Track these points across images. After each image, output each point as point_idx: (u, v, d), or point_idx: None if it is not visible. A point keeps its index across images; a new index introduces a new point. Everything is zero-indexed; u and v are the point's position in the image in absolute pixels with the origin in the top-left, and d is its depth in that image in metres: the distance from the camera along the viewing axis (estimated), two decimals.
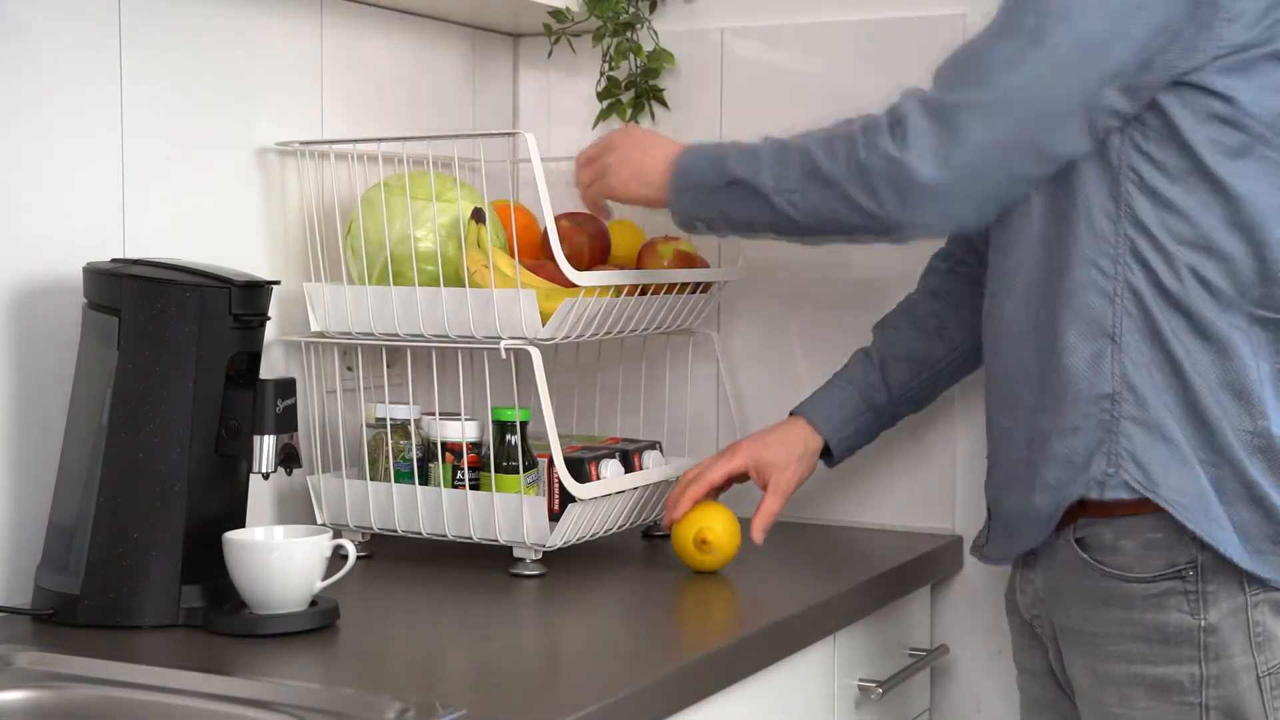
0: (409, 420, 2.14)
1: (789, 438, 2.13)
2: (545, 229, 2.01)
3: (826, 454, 2.15)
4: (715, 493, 2.12)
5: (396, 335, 2.09)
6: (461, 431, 2.10)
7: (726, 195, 1.90)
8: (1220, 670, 1.76)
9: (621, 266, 2.30)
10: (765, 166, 1.86)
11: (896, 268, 2.37)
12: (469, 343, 2.05)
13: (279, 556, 1.75)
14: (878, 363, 2.15)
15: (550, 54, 2.55)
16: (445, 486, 2.10)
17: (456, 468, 2.10)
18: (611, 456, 2.14)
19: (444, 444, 2.10)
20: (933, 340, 2.15)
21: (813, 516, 2.45)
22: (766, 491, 2.11)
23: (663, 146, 1.99)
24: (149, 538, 1.75)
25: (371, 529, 2.13)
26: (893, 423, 2.19)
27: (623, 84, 2.51)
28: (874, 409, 2.15)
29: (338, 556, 1.79)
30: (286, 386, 1.81)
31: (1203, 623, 1.75)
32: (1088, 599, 1.82)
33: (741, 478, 2.13)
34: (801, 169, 1.83)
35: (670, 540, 2.10)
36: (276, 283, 1.86)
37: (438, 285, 2.07)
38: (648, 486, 2.15)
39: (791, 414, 2.16)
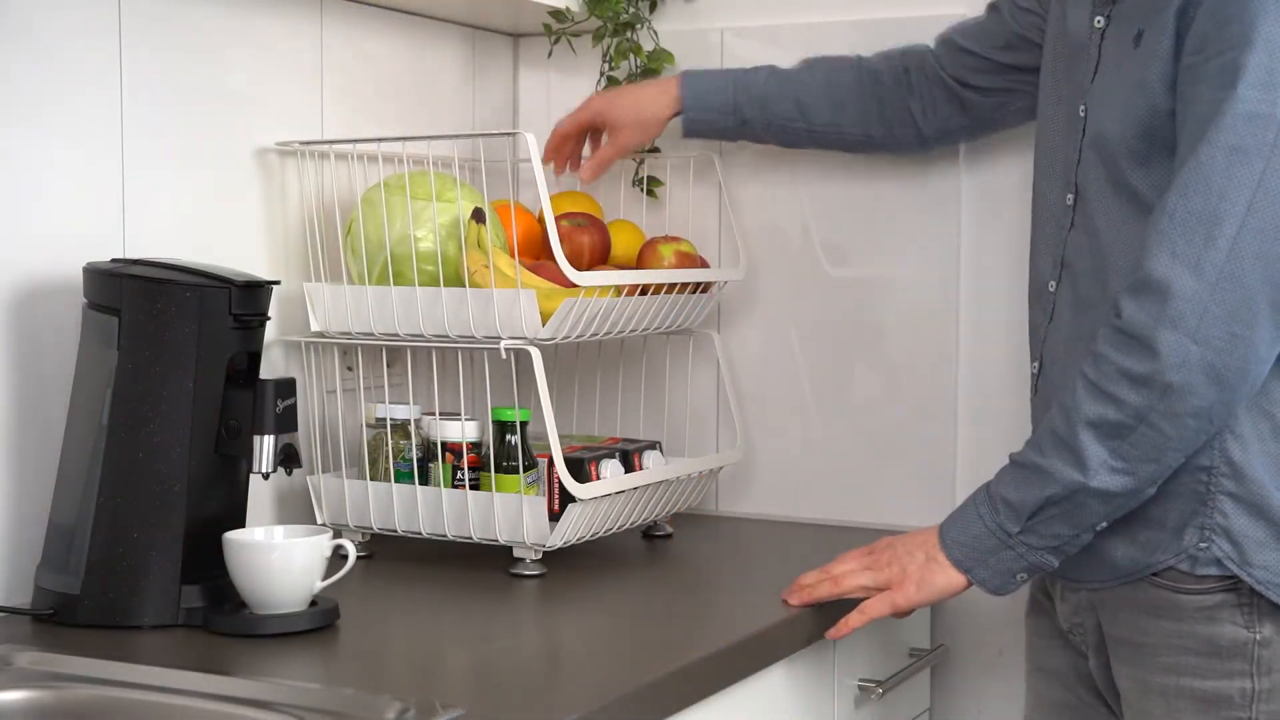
0: (409, 420, 2.13)
1: (643, 101, 2.28)
2: (545, 229, 2.01)
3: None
4: (578, 144, 2.34)
5: (396, 335, 2.09)
6: (461, 431, 2.10)
7: (1040, 529, 1.74)
8: (1273, 685, 1.72)
9: (622, 266, 2.30)
10: (1050, 468, 1.71)
11: (897, 266, 2.38)
12: (469, 343, 2.05)
13: (279, 556, 1.74)
14: (774, 87, 2.25)
15: (550, 54, 2.55)
16: (445, 486, 2.09)
17: (456, 468, 2.10)
18: (611, 456, 2.14)
19: (444, 444, 2.10)
20: (832, 110, 2.23)
21: (812, 517, 2.45)
22: (606, 141, 2.31)
23: (922, 541, 1.83)
24: (149, 538, 1.75)
25: (371, 529, 2.13)
26: (747, 138, 2.32)
27: (622, 84, 2.50)
28: (739, 119, 2.27)
29: (338, 556, 1.79)
30: (286, 386, 1.80)
31: (1258, 636, 1.72)
32: (1138, 608, 1.78)
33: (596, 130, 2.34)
34: (1098, 440, 1.69)
35: None
36: (276, 283, 1.86)
37: (438, 285, 2.06)
38: (648, 486, 2.15)
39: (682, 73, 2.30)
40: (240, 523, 1.83)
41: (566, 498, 2.02)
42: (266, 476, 1.80)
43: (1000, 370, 2.32)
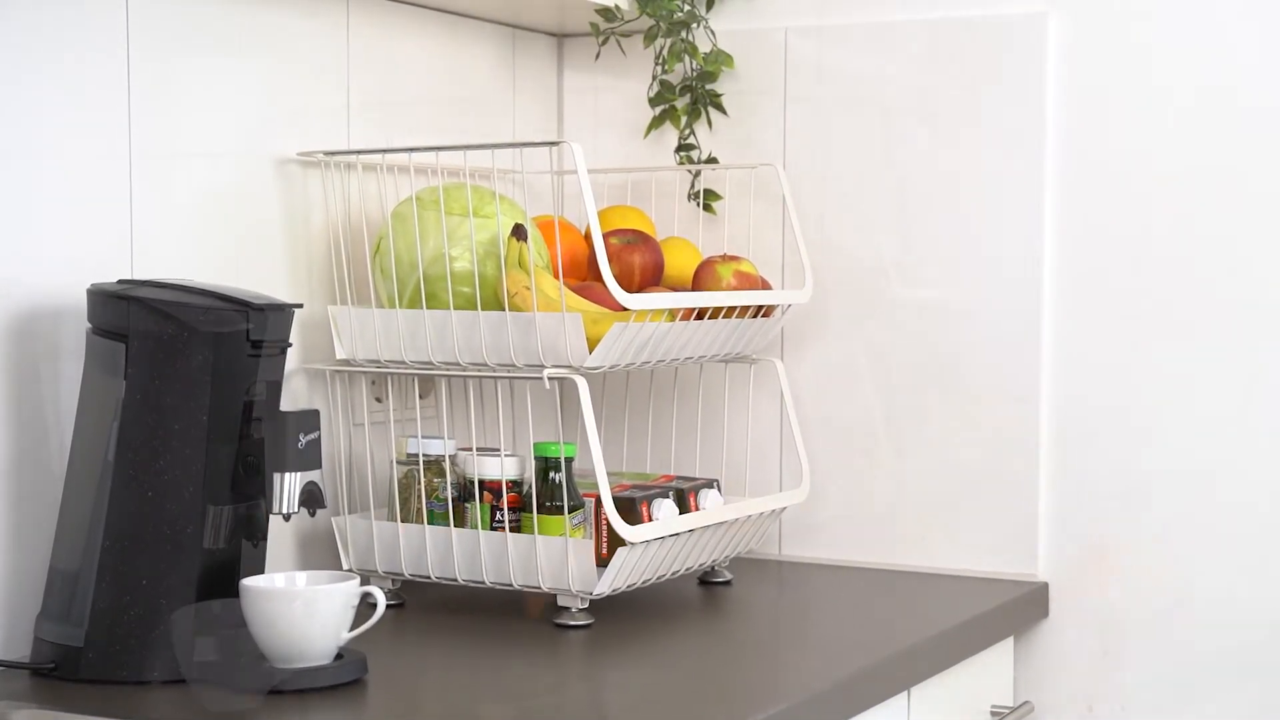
0: (443, 456, 2.14)
1: None
2: (593, 247, 1.99)
3: None
4: None
5: (430, 363, 2.09)
6: (501, 469, 2.10)
7: None
8: None
9: (676, 288, 2.31)
10: None
11: (969, 290, 2.38)
12: (509, 372, 2.04)
13: (302, 605, 1.74)
14: None
15: (598, 56, 2.56)
16: (483, 529, 2.09)
17: (495, 508, 2.10)
18: (665, 496, 2.14)
19: (482, 482, 2.10)
20: None
21: (884, 562, 2.45)
22: None
23: None
24: (159, 585, 1.74)
25: (402, 575, 2.13)
26: None
27: (677, 88, 2.52)
28: None
29: (366, 605, 1.78)
30: (309, 419, 1.80)
31: None
32: None
33: None
34: None
35: None
36: (299, 305, 1.86)
37: (475, 309, 2.06)
38: (705, 529, 2.14)
39: None
40: (259, 569, 1.83)
41: (616, 541, 2.02)
42: (288, 518, 1.80)
43: (1087, 403, 2.32)
